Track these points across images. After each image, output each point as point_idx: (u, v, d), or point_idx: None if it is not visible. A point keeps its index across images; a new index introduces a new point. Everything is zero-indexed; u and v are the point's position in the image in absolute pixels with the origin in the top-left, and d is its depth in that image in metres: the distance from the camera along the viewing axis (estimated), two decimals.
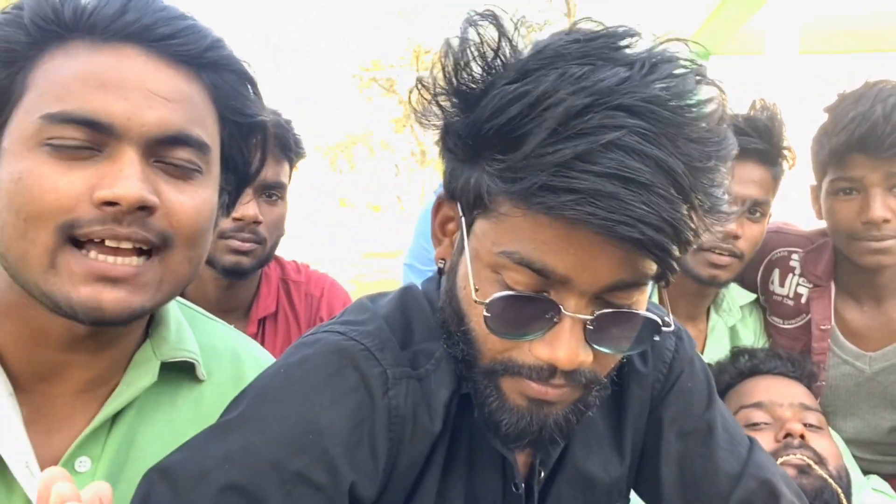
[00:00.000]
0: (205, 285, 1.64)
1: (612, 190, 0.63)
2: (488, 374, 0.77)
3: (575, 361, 0.72)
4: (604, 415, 0.96)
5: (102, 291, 0.76)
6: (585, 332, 0.72)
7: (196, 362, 0.94)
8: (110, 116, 0.76)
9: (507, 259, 0.71)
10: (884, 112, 1.41)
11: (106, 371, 0.87)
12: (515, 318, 0.73)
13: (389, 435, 0.79)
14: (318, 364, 0.80)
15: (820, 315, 1.66)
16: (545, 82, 0.67)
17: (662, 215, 0.64)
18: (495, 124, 0.69)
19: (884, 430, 1.69)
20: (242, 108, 0.89)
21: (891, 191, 1.47)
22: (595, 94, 0.65)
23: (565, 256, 0.69)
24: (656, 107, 0.66)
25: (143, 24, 0.79)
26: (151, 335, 0.92)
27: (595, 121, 0.65)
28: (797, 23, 4.81)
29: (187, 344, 0.95)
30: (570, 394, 0.77)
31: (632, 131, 0.64)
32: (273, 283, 1.79)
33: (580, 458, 0.94)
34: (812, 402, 1.48)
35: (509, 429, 0.77)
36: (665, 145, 0.65)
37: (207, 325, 1.05)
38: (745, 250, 1.56)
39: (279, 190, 1.64)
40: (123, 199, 0.74)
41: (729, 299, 1.75)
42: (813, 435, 1.36)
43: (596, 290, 0.71)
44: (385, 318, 0.87)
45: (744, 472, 0.94)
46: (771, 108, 1.58)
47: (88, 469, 0.84)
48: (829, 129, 1.51)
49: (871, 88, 1.48)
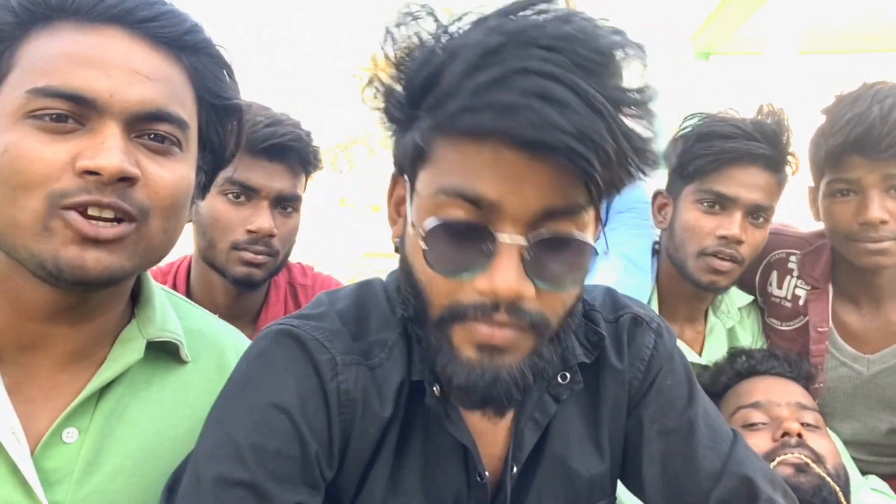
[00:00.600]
0: (214, 292, 1.64)
1: (528, 103, 0.67)
2: (438, 325, 0.78)
3: (513, 289, 0.72)
4: (580, 412, 0.96)
5: (86, 251, 0.80)
6: (525, 265, 0.73)
7: (180, 343, 0.98)
8: (94, 92, 0.79)
9: (443, 196, 0.75)
10: (881, 113, 1.41)
11: (88, 345, 0.91)
12: (454, 253, 0.75)
13: (341, 417, 0.84)
14: (275, 354, 0.86)
15: (817, 317, 1.66)
16: (465, 34, 0.74)
17: (578, 126, 0.67)
18: (422, 74, 0.75)
19: (881, 432, 1.69)
20: (219, 90, 0.94)
21: (888, 192, 1.47)
22: (510, 33, 0.70)
23: (493, 181, 0.71)
24: (571, 44, 0.69)
25: (126, 7, 0.84)
26: (137, 315, 0.96)
27: (510, 53, 0.69)
28: (797, 23, 4.81)
29: (171, 325, 0.99)
30: (520, 339, 0.77)
31: (546, 61, 0.68)
32: (281, 289, 1.79)
33: (559, 454, 0.94)
34: (809, 401, 1.48)
35: (461, 382, 0.77)
36: (580, 75, 0.68)
37: (192, 310, 1.09)
38: (747, 256, 1.56)
39: (295, 202, 1.63)
40: (104, 169, 0.78)
41: (727, 301, 1.75)
42: (810, 434, 1.36)
43: (529, 217, 0.72)
44: (340, 311, 0.90)
45: (724, 469, 0.93)
46: (778, 114, 1.57)
47: (76, 440, 0.87)
48: (827, 131, 1.51)
49: (868, 89, 1.48)
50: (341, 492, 0.87)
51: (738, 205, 1.52)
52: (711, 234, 1.54)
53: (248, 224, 1.53)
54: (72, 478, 0.84)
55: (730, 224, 1.52)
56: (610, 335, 0.98)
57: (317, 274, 1.92)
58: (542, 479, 0.93)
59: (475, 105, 0.69)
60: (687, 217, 1.59)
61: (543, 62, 0.68)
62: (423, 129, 0.77)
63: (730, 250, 1.53)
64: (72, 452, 0.86)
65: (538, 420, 0.92)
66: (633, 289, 1.61)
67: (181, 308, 1.07)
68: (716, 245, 1.54)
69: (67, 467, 0.85)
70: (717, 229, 1.53)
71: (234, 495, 0.77)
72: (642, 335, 0.99)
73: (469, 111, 0.69)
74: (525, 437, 0.92)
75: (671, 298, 1.71)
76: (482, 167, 0.72)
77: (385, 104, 0.82)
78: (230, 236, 1.54)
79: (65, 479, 0.84)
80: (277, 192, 1.56)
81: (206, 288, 1.66)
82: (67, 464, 0.85)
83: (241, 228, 1.53)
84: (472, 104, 0.69)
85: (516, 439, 0.92)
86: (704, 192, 1.55)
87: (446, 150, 0.75)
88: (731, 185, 1.52)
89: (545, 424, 0.92)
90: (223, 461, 0.79)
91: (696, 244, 1.56)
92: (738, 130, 1.52)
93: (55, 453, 0.85)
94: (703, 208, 1.56)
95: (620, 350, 0.97)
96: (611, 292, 1.04)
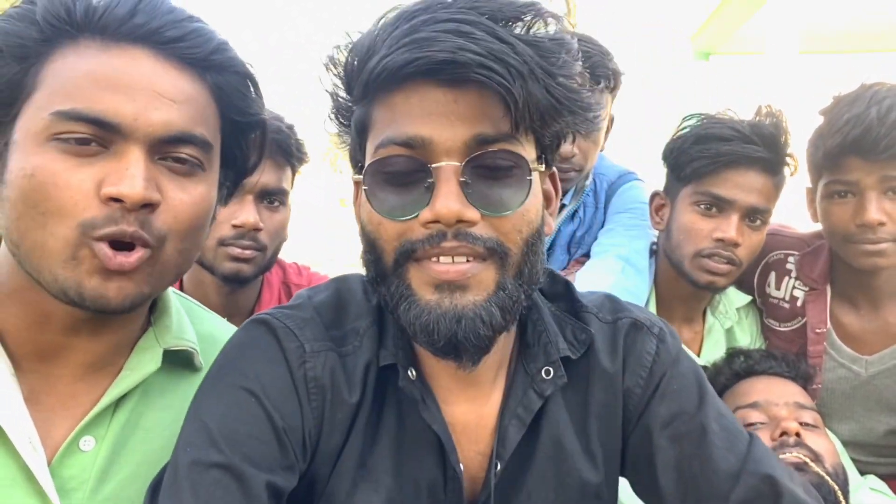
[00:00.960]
0: (207, 290, 1.63)
1: (439, 37, 0.74)
2: (395, 271, 0.81)
3: (454, 210, 0.76)
4: (571, 417, 0.95)
5: (108, 281, 0.81)
6: (464, 191, 0.77)
7: (195, 351, 0.99)
8: (118, 116, 0.80)
9: (381, 149, 0.80)
10: (878, 114, 1.41)
11: (107, 355, 0.91)
12: (397, 195, 0.79)
13: (312, 405, 0.86)
14: (250, 342, 0.89)
15: (815, 318, 1.66)
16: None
17: (487, 49, 0.73)
18: (353, 59, 0.82)
19: (879, 433, 1.69)
20: (244, 107, 0.94)
21: (885, 193, 1.47)
22: (422, 4, 0.78)
23: (421, 119, 0.77)
24: (478, 3, 0.77)
25: (152, 27, 0.83)
26: (154, 323, 0.97)
27: (421, 14, 0.77)
28: (797, 23, 4.81)
29: (187, 333, 0.99)
30: (479, 271, 0.78)
31: (454, 13, 0.75)
32: (275, 288, 1.79)
33: (551, 457, 0.94)
34: (807, 401, 1.48)
35: (423, 323, 0.78)
36: (487, 20, 0.75)
37: (203, 315, 1.10)
38: (744, 258, 1.56)
39: (281, 196, 1.62)
40: (128, 197, 0.79)
41: (725, 301, 1.75)
42: (809, 433, 1.36)
43: (460, 147, 0.77)
44: (316, 303, 0.93)
45: (743, 469, 0.91)
46: (776, 115, 1.57)
47: (92, 448, 0.87)
48: (825, 132, 1.51)
49: (866, 91, 1.47)
50: (317, 478, 0.88)
51: (735, 207, 1.52)
52: (708, 237, 1.54)
53: (233, 219, 1.53)
54: (87, 485, 0.85)
55: (727, 227, 1.52)
56: (603, 336, 0.97)
57: (312, 274, 1.91)
58: (533, 481, 0.93)
59: (392, 50, 0.76)
60: (684, 219, 1.59)
61: (452, 13, 0.75)
62: (359, 106, 0.84)
63: (727, 252, 1.53)
64: (88, 460, 0.87)
65: (522, 416, 0.92)
66: (631, 290, 1.61)
67: (193, 312, 1.08)
68: (712, 247, 1.54)
69: (83, 475, 0.86)
70: (713, 231, 1.53)
71: (210, 477, 0.78)
72: (643, 341, 0.97)
73: (387, 57, 0.76)
74: (509, 433, 0.91)
75: (669, 299, 1.71)
76: (410, 110, 0.78)
77: (333, 106, 0.88)
78: (216, 232, 1.53)
79: (80, 486, 0.85)
80: (262, 186, 1.55)
81: (198, 287, 1.65)
82: (83, 472, 0.86)
83: (227, 224, 1.53)
84: (389, 51, 0.76)
85: (500, 436, 0.91)
86: (701, 194, 1.56)
87: (380, 112, 0.81)
88: (728, 188, 1.52)
89: (528, 421, 0.92)
90: (198, 447, 0.80)
91: (692, 246, 1.56)
92: (735, 133, 1.52)
93: (72, 462, 0.86)
94: (700, 210, 1.56)
95: (614, 353, 0.96)
96: (612, 297, 1.03)
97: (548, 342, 0.93)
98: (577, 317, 0.98)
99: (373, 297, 0.94)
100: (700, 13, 5.93)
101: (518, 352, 0.95)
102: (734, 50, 6.53)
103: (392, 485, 0.88)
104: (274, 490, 0.80)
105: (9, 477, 0.81)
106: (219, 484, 0.78)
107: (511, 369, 0.94)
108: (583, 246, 1.96)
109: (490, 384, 0.93)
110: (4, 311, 0.87)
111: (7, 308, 0.86)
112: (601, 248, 1.81)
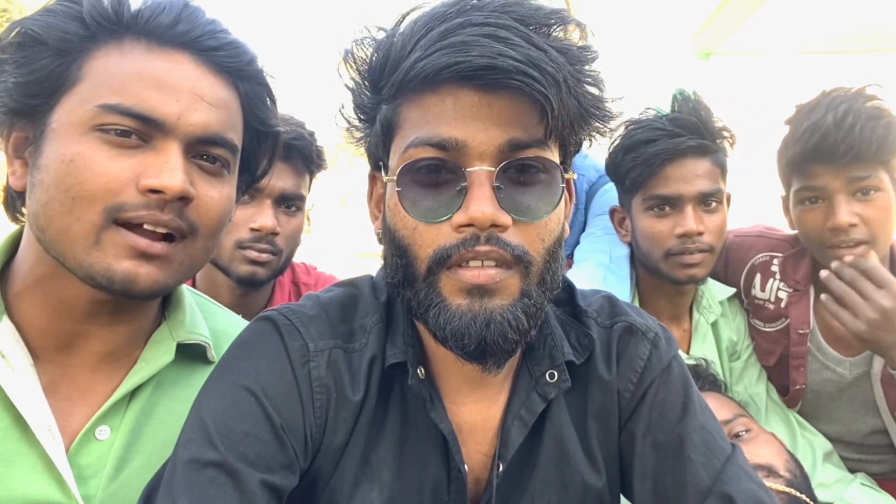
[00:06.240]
0: (220, 291, 1.64)
1: (477, 41, 0.73)
2: (427, 278, 0.80)
3: (488, 214, 0.75)
4: (572, 419, 0.95)
5: (140, 266, 0.85)
6: (497, 196, 0.77)
7: (207, 345, 1.02)
8: (163, 114, 0.85)
9: (412, 149, 0.79)
10: (835, 120, 1.43)
11: (122, 345, 0.95)
12: (430, 198, 0.79)
13: (316, 405, 0.86)
14: (254, 340, 0.89)
15: (798, 319, 1.66)
16: (412, 21, 0.81)
17: (525, 55, 0.73)
18: (380, 57, 0.82)
19: (863, 433, 1.69)
20: (265, 117, 1.00)
21: (854, 195, 1.48)
22: (453, 5, 0.77)
23: (455, 122, 0.77)
24: (511, 8, 0.77)
25: (194, 35, 0.89)
26: (168, 317, 1.01)
27: (454, 16, 0.76)
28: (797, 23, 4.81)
29: (200, 328, 1.03)
30: (506, 277, 0.78)
31: (489, 16, 0.75)
32: (286, 288, 1.80)
33: (554, 460, 0.93)
34: (731, 412, 1.44)
35: (455, 328, 0.78)
36: (521, 25, 0.75)
37: (216, 311, 1.14)
38: (713, 242, 1.56)
39: (298, 201, 1.64)
40: (169, 188, 0.84)
41: (708, 296, 1.75)
42: (746, 445, 1.31)
43: (494, 151, 0.77)
44: (324, 301, 0.94)
45: (713, 488, 0.88)
46: (693, 98, 1.57)
47: (108, 437, 0.91)
48: (788, 141, 1.53)
49: (825, 97, 1.49)
50: (319, 475, 0.88)
51: (685, 200, 1.53)
52: (671, 236, 1.55)
53: (251, 222, 1.55)
54: (103, 473, 0.88)
55: (684, 221, 1.53)
56: (601, 342, 0.97)
57: (320, 273, 1.93)
58: (536, 483, 0.93)
59: (428, 53, 0.75)
60: (643, 226, 1.60)
61: (486, 16, 0.75)
62: (388, 104, 0.82)
63: (694, 244, 1.54)
64: (104, 449, 0.89)
65: (524, 418, 0.92)
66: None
67: (207, 308, 1.11)
68: (679, 244, 1.55)
69: (100, 463, 0.89)
70: (674, 229, 1.54)
71: (205, 475, 0.78)
72: (636, 345, 0.97)
73: (423, 59, 0.75)
74: (512, 434, 0.91)
75: (654, 301, 1.71)
76: (444, 113, 0.77)
77: (354, 101, 0.87)
78: (234, 235, 1.54)
79: (97, 474, 0.88)
80: (280, 191, 1.57)
81: (211, 287, 1.66)
82: (100, 460, 0.89)
83: (245, 227, 1.55)
84: (425, 53, 0.75)
85: (503, 437, 0.91)
86: (649, 198, 1.57)
87: (410, 112, 0.80)
88: (671, 185, 1.53)
89: (531, 423, 0.92)
90: (196, 444, 0.81)
91: (659, 249, 1.57)
92: (659, 132, 1.54)
93: (89, 450, 0.89)
94: (654, 214, 1.58)
95: (609, 359, 0.96)
96: (612, 299, 1.03)
97: (553, 346, 0.93)
98: (578, 320, 0.98)
99: (381, 295, 0.94)
100: (700, 13, 5.92)
101: (524, 354, 0.95)
102: (734, 50, 6.53)
103: (394, 483, 0.88)
104: (271, 489, 0.80)
105: (29, 464, 0.84)
106: (213, 482, 0.78)
107: (516, 372, 0.95)
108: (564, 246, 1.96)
109: (499, 386, 0.93)
110: (25, 303, 0.90)
111: (28, 300, 0.90)
112: (583, 254, 1.82)
